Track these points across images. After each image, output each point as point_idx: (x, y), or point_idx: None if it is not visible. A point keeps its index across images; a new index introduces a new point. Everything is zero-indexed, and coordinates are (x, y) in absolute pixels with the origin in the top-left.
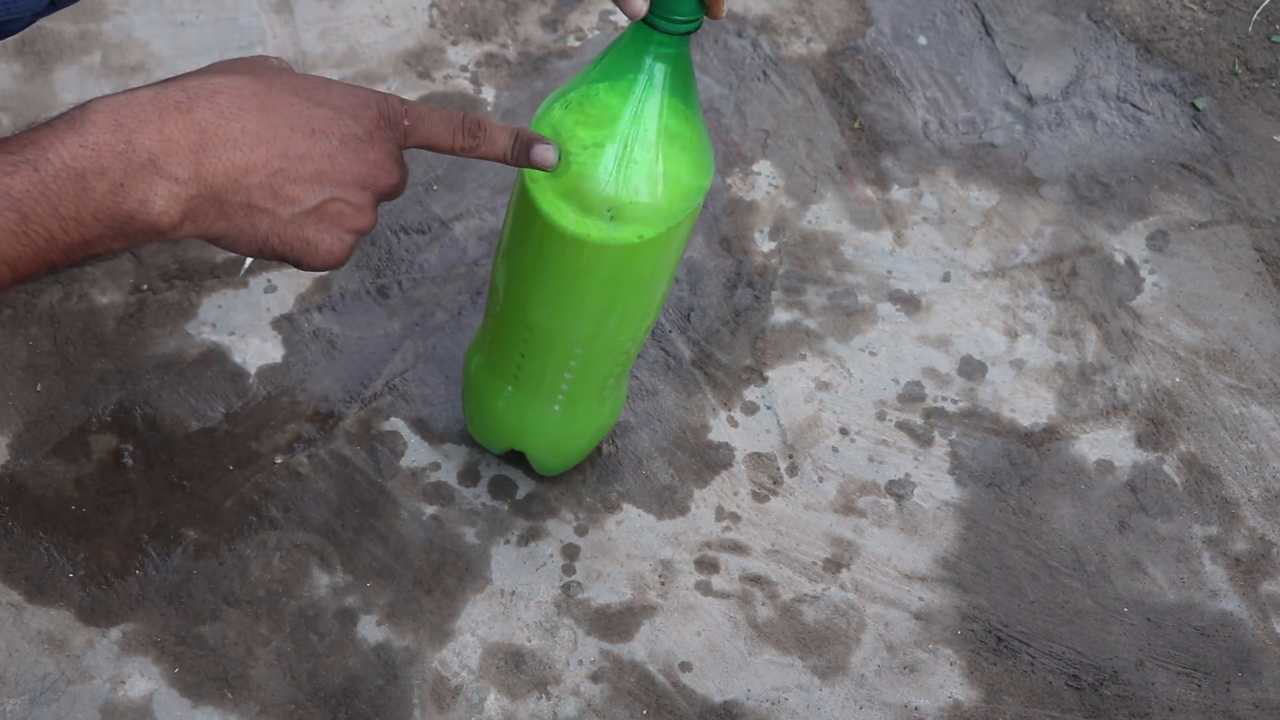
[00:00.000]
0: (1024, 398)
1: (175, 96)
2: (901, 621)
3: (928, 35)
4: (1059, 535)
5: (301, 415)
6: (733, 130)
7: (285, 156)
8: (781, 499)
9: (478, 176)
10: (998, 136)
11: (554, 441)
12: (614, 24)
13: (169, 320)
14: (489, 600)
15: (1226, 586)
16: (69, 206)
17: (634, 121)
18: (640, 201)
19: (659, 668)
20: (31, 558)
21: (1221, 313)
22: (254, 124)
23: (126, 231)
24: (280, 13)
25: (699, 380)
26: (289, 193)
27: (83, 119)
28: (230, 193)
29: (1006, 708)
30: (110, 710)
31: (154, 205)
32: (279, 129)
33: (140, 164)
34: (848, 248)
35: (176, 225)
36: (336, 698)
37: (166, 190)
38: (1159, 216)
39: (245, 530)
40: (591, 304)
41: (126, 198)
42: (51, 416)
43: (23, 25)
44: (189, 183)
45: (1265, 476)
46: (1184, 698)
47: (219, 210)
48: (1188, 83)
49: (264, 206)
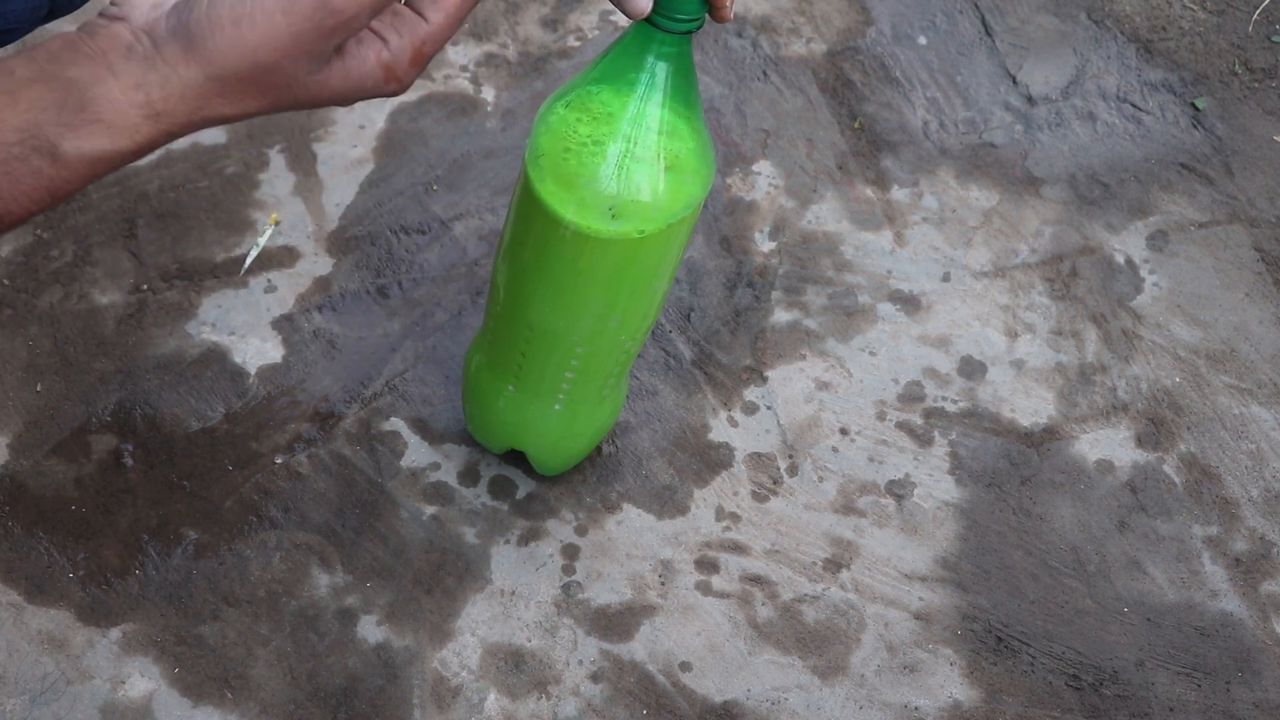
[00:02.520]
0: (1024, 398)
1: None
2: (901, 621)
3: (928, 35)
4: (1059, 535)
5: (301, 415)
6: (733, 130)
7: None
8: (781, 499)
9: (478, 176)
10: (998, 136)
11: (554, 441)
12: (614, 24)
13: (169, 320)
14: (489, 600)
15: (1226, 586)
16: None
17: (636, 120)
18: (642, 200)
19: (659, 668)
20: (31, 558)
21: (1221, 313)
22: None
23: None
24: None
25: (699, 380)
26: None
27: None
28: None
29: (1006, 708)
30: (110, 710)
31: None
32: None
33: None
34: (848, 248)
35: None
36: (336, 698)
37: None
38: (1159, 216)
39: (245, 530)
40: (593, 303)
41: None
42: (51, 416)
43: (22, 34)
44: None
45: (1265, 476)
46: (1184, 698)
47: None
48: (1188, 83)
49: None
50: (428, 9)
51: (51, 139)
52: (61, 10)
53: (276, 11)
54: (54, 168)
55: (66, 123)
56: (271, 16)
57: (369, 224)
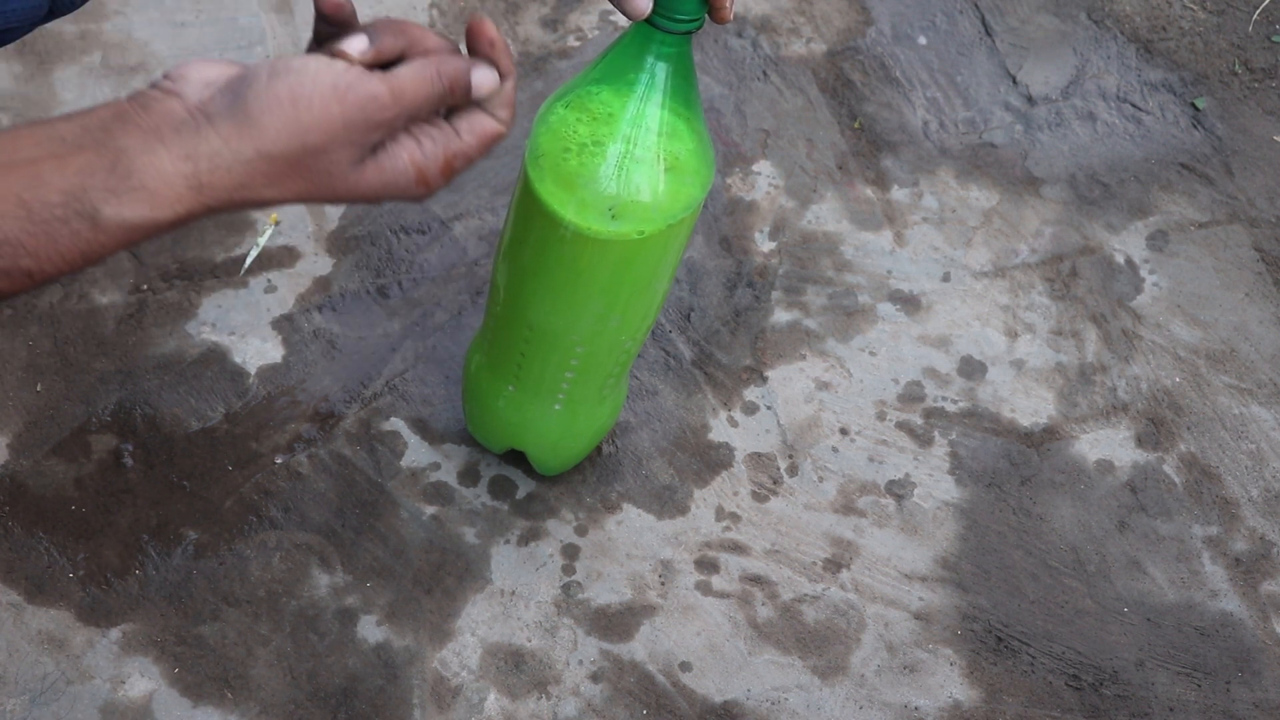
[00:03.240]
0: (1024, 398)
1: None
2: (901, 621)
3: (928, 35)
4: (1059, 535)
5: (301, 415)
6: (733, 130)
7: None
8: (781, 499)
9: (478, 176)
10: (998, 136)
11: (554, 441)
12: (614, 24)
13: (169, 320)
14: (489, 600)
15: (1226, 586)
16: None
17: (636, 120)
18: (642, 200)
19: (659, 668)
20: (31, 558)
21: (1221, 313)
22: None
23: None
24: (280, 13)
25: (699, 380)
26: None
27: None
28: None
29: (1006, 708)
30: (110, 710)
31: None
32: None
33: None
34: (848, 248)
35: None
36: (336, 698)
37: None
38: (1159, 216)
39: (245, 530)
40: (593, 303)
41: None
42: (51, 416)
43: (22, 34)
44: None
45: (1265, 476)
46: (1184, 698)
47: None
48: (1188, 83)
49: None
50: (462, 129)
51: (94, 203)
52: (61, 10)
53: (332, 98)
54: (92, 231)
55: (111, 188)
56: (327, 101)
57: (369, 224)
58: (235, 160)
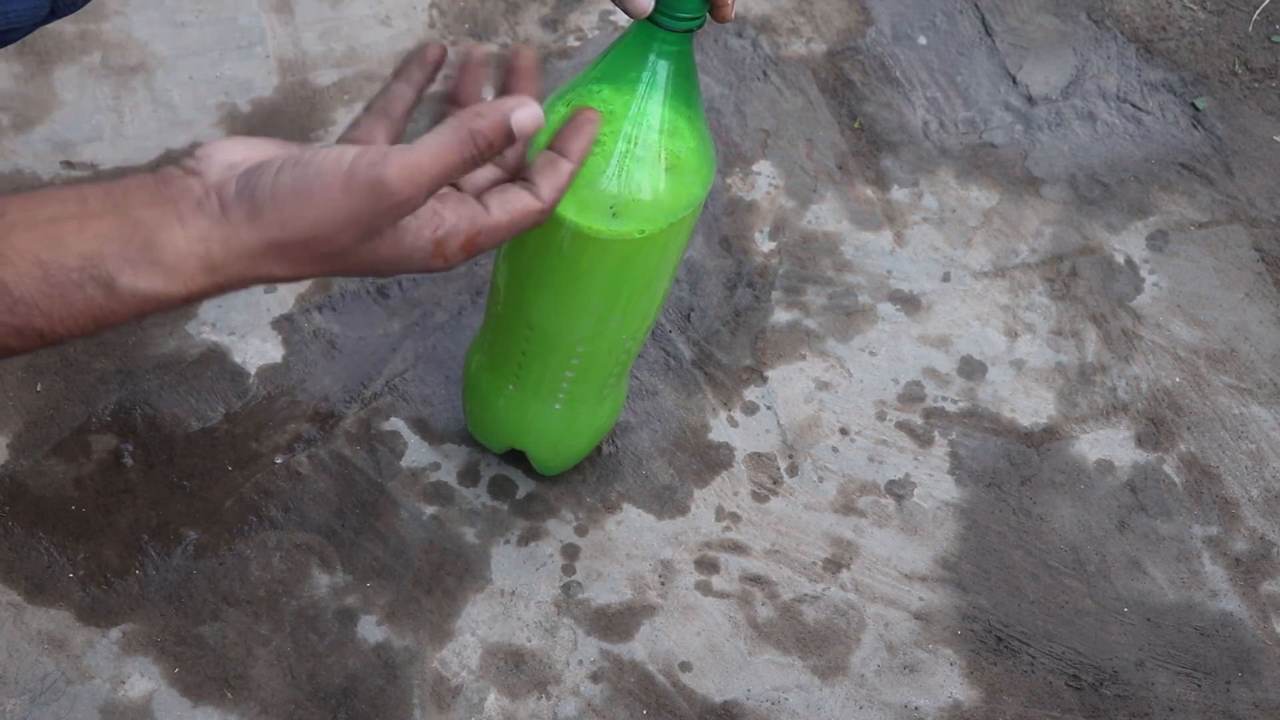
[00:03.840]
0: (1024, 398)
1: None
2: (901, 621)
3: (928, 35)
4: (1059, 535)
5: (301, 415)
6: (733, 130)
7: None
8: (781, 499)
9: None
10: (998, 136)
11: (554, 441)
12: (614, 24)
13: (169, 320)
14: (489, 600)
15: (1226, 586)
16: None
17: (637, 119)
18: (643, 199)
19: (659, 668)
20: (31, 558)
21: (1221, 313)
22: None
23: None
24: (280, 13)
25: (699, 380)
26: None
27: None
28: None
29: (1006, 708)
30: (110, 710)
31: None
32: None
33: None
34: (848, 248)
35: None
36: (336, 698)
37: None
38: (1159, 216)
39: (245, 530)
40: (593, 303)
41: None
42: (51, 416)
43: (24, 34)
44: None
45: (1265, 476)
46: (1184, 698)
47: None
48: (1188, 83)
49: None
50: (493, 205)
51: (110, 271)
52: (63, 10)
53: (336, 189)
54: (106, 299)
55: (128, 259)
56: (331, 193)
57: None
58: (245, 248)
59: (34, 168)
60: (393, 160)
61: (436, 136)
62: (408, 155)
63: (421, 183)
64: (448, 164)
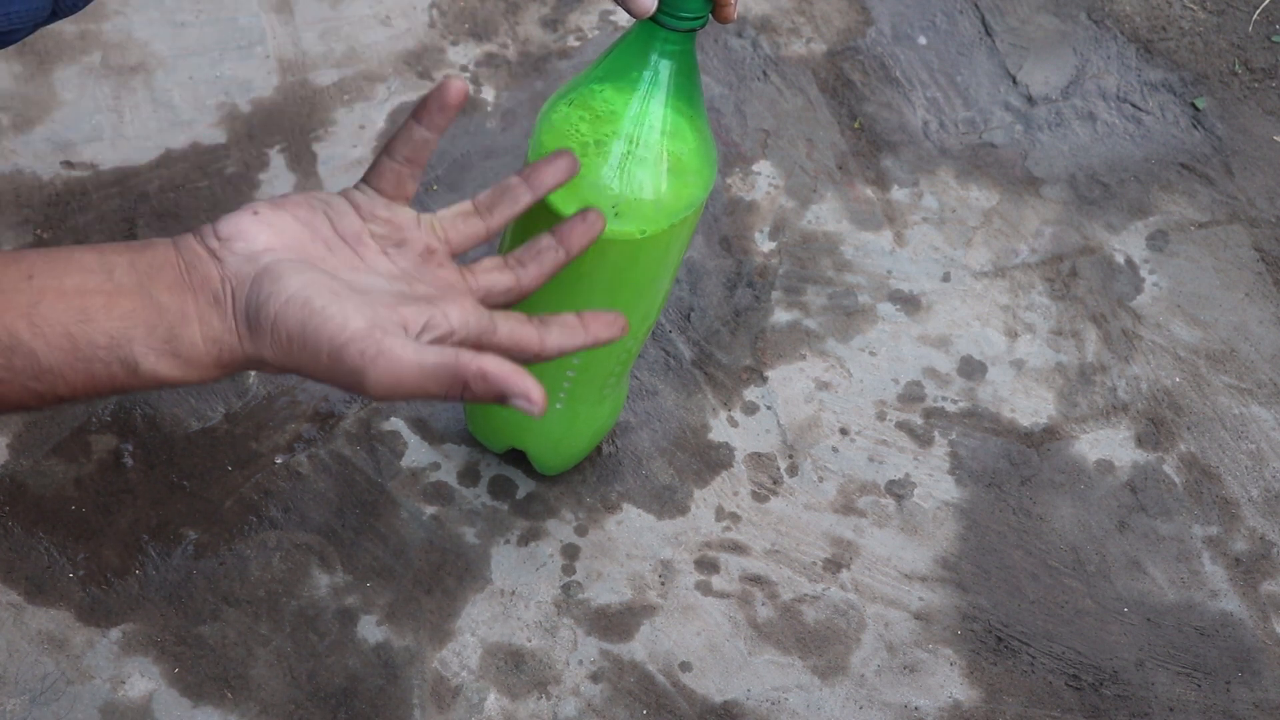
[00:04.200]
0: (1024, 398)
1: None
2: (901, 621)
3: (928, 35)
4: (1059, 535)
5: (301, 415)
6: (733, 130)
7: None
8: (781, 499)
9: (478, 176)
10: (998, 136)
11: (555, 441)
12: (614, 24)
13: None
14: (489, 600)
15: (1226, 586)
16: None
17: (638, 119)
18: (644, 199)
19: (659, 668)
20: (31, 558)
21: (1221, 313)
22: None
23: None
24: (280, 13)
25: (699, 380)
26: None
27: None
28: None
29: (1006, 708)
30: (110, 710)
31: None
32: None
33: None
34: (848, 248)
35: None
36: (336, 698)
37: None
38: (1159, 216)
39: (245, 530)
40: (594, 302)
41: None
42: (51, 416)
43: (25, 34)
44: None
45: (1265, 476)
46: (1184, 698)
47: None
48: (1188, 83)
49: None
50: (500, 329)
51: (135, 356)
52: (64, 11)
53: (324, 354)
54: (127, 377)
55: (153, 347)
56: (319, 356)
57: None
58: (248, 357)
59: (34, 168)
60: (380, 365)
61: (434, 365)
62: (396, 368)
63: (396, 394)
64: (428, 391)
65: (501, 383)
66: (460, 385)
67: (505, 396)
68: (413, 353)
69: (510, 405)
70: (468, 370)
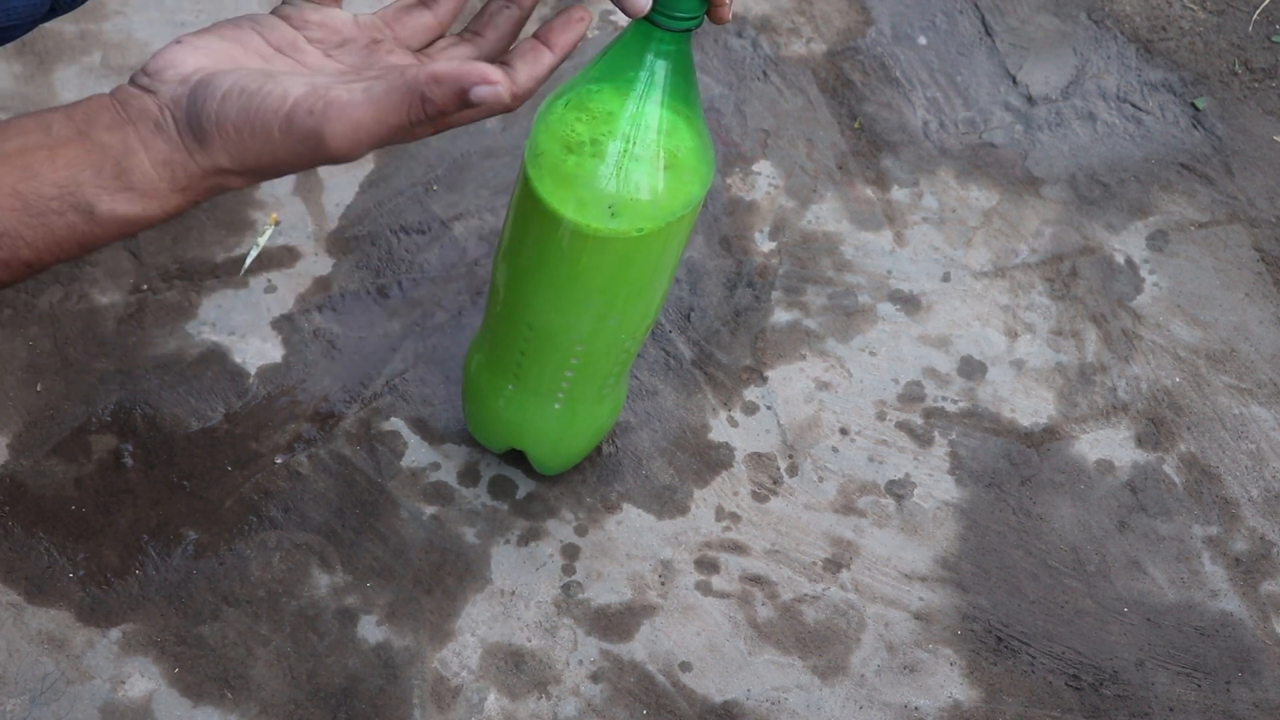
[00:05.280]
0: (1024, 398)
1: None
2: (901, 621)
3: (928, 35)
4: (1059, 535)
5: (301, 415)
6: (733, 130)
7: None
8: (781, 499)
9: (478, 176)
10: (998, 136)
11: (554, 441)
12: (614, 24)
13: (169, 320)
14: (489, 600)
15: (1226, 586)
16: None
17: (635, 119)
18: (641, 198)
19: (659, 668)
20: (31, 558)
21: (1221, 313)
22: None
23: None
24: None
25: (699, 380)
26: None
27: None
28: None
29: (1006, 708)
30: (110, 710)
31: None
32: None
33: None
34: (848, 248)
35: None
36: (336, 698)
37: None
38: (1159, 216)
39: (245, 530)
40: (592, 302)
41: None
42: (51, 416)
43: (23, 31)
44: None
45: (1265, 476)
46: (1184, 698)
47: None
48: (1188, 83)
49: None
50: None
51: (89, 199)
52: (63, 8)
53: (275, 129)
54: (88, 224)
55: (103, 186)
56: (270, 133)
57: (369, 224)
58: (204, 170)
59: None
60: (333, 115)
61: (385, 93)
62: (350, 111)
63: (360, 141)
64: (390, 126)
65: (456, 77)
66: (419, 102)
67: (464, 92)
68: (360, 92)
69: (475, 101)
70: (418, 81)
